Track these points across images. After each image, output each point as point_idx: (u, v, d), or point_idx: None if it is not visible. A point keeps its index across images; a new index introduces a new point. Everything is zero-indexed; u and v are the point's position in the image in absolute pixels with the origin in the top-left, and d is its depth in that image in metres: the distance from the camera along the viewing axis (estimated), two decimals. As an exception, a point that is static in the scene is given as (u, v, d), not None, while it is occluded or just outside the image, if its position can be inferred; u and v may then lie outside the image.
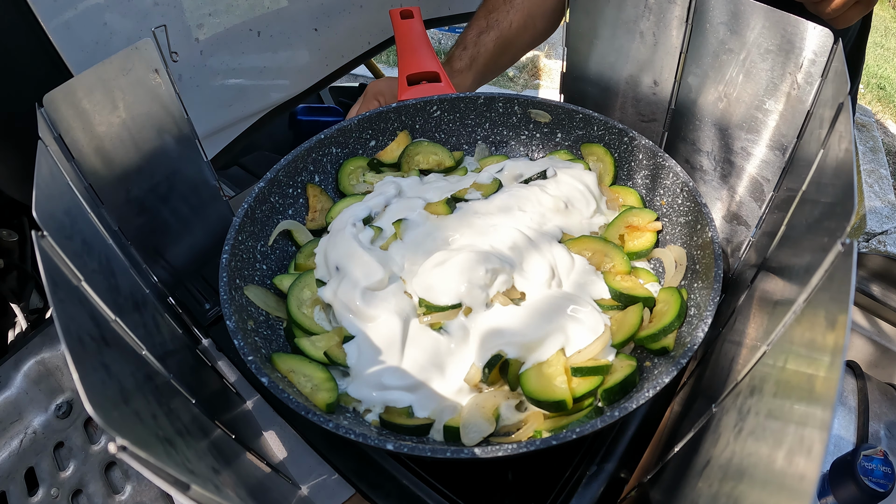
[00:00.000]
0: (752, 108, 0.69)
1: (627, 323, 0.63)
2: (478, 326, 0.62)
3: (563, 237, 0.73)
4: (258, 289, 0.67)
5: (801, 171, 0.56)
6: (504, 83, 3.82)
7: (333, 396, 0.59)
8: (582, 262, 0.70)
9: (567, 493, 0.58)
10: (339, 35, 1.23)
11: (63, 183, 0.47)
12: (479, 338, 0.62)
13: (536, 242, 0.69)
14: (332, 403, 0.58)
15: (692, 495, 0.43)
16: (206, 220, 0.78)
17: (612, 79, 0.85)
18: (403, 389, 0.60)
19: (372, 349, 0.62)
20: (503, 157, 0.89)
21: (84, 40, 0.82)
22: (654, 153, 0.75)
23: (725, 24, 0.67)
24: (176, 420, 0.42)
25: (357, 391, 0.61)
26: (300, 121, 1.60)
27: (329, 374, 0.61)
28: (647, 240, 0.73)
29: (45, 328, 0.74)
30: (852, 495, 0.53)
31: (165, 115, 0.67)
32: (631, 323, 0.62)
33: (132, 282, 0.53)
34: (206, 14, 0.98)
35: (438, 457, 0.48)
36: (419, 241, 0.71)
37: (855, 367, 0.72)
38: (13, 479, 0.64)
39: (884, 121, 3.58)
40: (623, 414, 0.50)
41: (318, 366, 0.61)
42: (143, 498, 0.64)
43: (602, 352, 0.61)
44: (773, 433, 0.34)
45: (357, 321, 0.64)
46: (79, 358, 0.31)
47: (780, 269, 0.51)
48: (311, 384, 0.59)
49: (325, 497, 0.61)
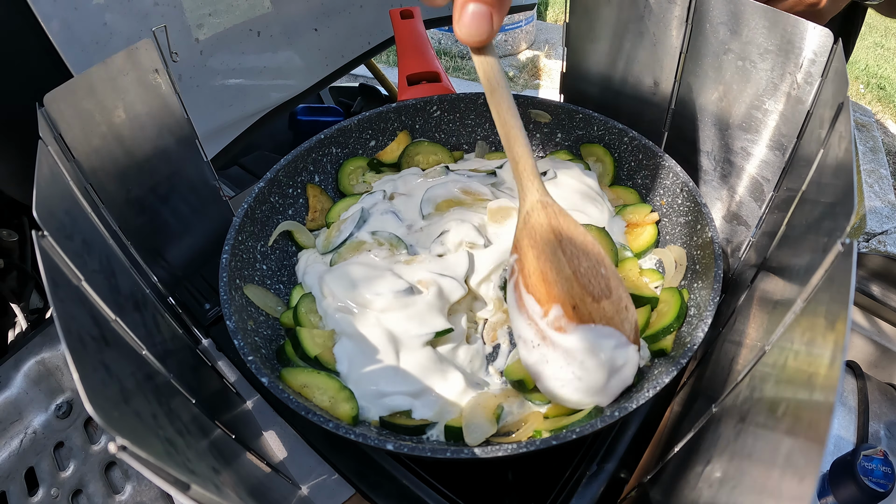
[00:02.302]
0: (752, 108, 0.69)
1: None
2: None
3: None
4: (258, 289, 0.67)
5: (801, 171, 0.56)
6: (504, 83, 3.81)
7: (355, 406, 0.56)
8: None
9: (567, 493, 0.58)
10: (339, 35, 1.23)
11: (63, 183, 0.47)
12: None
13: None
14: (356, 416, 0.56)
15: (692, 495, 0.43)
16: (206, 220, 0.78)
17: (612, 79, 0.85)
18: (404, 395, 0.58)
19: (365, 353, 0.61)
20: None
21: (84, 40, 0.82)
22: (654, 153, 0.75)
23: (725, 24, 0.67)
24: (176, 420, 0.42)
25: (356, 393, 0.60)
26: (300, 121, 1.60)
27: (340, 383, 0.59)
28: (648, 235, 0.73)
29: (45, 328, 0.74)
30: (852, 495, 0.53)
31: (165, 115, 0.67)
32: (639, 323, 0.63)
33: (132, 282, 0.53)
34: (206, 14, 0.98)
35: (438, 457, 0.48)
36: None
37: (855, 367, 0.72)
38: (13, 479, 0.64)
39: (884, 121, 3.58)
40: (623, 414, 0.50)
41: (328, 375, 0.59)
42: (143, 498, 0.64)
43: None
44: (773, 433, 0.34)
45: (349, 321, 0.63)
46: (79, 358, 0.31)
47: (780, 269, 0.51)
48: (328, 396, 0.57)
49: (325, 497, 0.61)
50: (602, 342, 0.52)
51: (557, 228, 0.51)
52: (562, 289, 0.51)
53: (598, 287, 0.51)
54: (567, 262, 0.51)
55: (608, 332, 0.52)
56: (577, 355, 0.51)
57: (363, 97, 1.72)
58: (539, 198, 0.52)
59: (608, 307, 0.51)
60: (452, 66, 3.74)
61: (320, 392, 0.58)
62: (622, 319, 0.52)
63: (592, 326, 0.51)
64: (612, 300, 0.51)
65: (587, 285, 0.51)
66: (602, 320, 0.51)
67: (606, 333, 0.51)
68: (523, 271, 0.53)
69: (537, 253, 0.52)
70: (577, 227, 0.52)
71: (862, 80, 3.90)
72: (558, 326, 0.51)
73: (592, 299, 0.51)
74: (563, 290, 0.51)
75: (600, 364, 0.52)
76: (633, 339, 0.53)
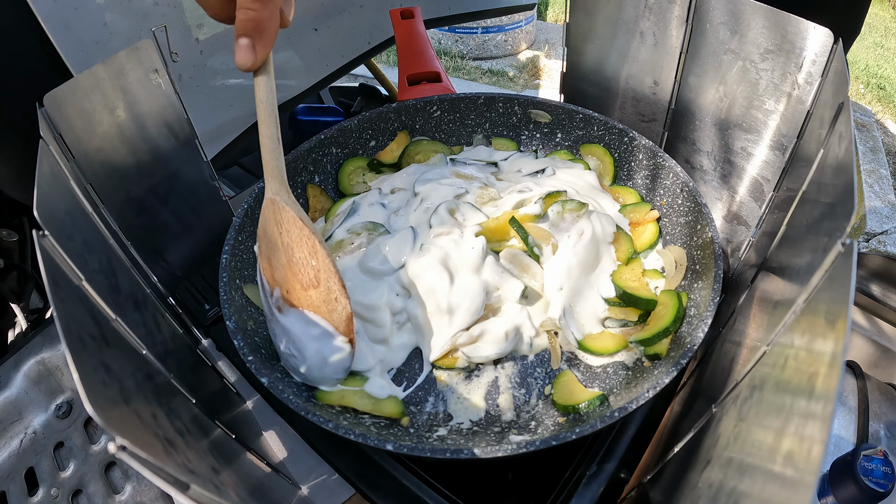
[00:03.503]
0: (752, 108, 0.69)
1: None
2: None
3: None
4: (258, 289, 0.67)
5: (801, 171, 0.56)
6: (504, 83, 3.82)
7: (399, 403, 0.60)
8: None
9: (567, 493, 0.58)
10: (339, 35, 1.23)
11: (64, 182, 0.47)
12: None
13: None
14: (403, 409, 0.60)
15: (692, 495, 0.43)
16: (206, 220, 0.78)
17: (612, 79, 0.85)
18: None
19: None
20: (514, 144, 0.89)
21: (84, 40, 0.82)
22: (654, 153, 0.75)
23: (725, 24, 0.67)
24: (176, 420, 0.42)
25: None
26: (300, 121, 1.59)
27: (366, 392, 0.61)
28: (650, 233, 0.73)
29: (45, 328, 0.74)
30: (852, 495, 0.53)
31: (165, 115, 0.67)
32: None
33: (132, 281, 0.53)
34: (207, 14, 0.98)
35: (438, 457, 0.49)
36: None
37: (855, 367, 0.72)
38: (13, 479, 0.64)
39: (884, 121, 3.58)
40: (623, 414, 0.50)
41: (361, 391, 0.61)
42: (143, 498, 0.64)
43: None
44: (774, 433, 0.34)
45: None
46: (79, 357, 0.31)
47: (780, 269, 0.51)
48: (369, 399, 0.60)
49: (325, 497, 0.61)
50: (309, 328, 0.58)
51: (279, 221, 0.58)
52: (279, 274, 0.58)
53: (306, 277, 0.57)
54: (283, 252, 0.58)
55: (314, 320, 0.58)
56: (292, 335, 0.58)
57: (363, 97, 1.72)
58: (269, 195, 0.58)
59: (315, 296, 0.57)
60: (452, 66, 3.74)
61: (359, 398, 0.60)
62: (330, 310, 0.58)
63: (300, 311, 0.58)
64: (319, 290, 0.57)
65: (297, 274, 0.57)
66: (309, 307, 0.57)
67: (312, 320, 0.58)
68: (260, 256, 0.60)
69: (266, 241, 0.59)
70: (296, 223, 0.57)
71: (862, 80, 3.91)
72: (278, 307, 0.58)
73: (301, 287, 0.57)
74: (280, 276, 0.58)
75: (311, 347, 0.58)
76: (343, 331, 0.58)
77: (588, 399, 0.57)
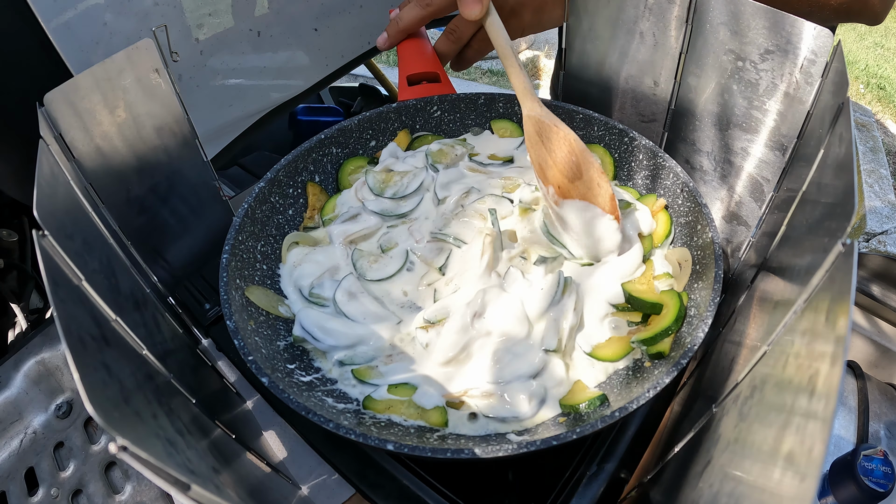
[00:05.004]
0: (752, 108, 0.69)
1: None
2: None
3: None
4: (259, 289, 0.67)
5: (801, 171, 0.56)
6: (504, 83, 3.82)
7: (444, 411, 0.59)
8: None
9: (567, 493, 0.58)
10: (339, 35, 1.23)
11: (64, 182, 0.47)
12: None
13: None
14: (446, 419, 0.59)
15: (692, 496, 0.43)
16: (206, 220, 0.78)
17: (611, 79, 0.85)
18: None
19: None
20: (518, 129, 0.88)
21: (84, 40, 0.82)
22: (654, 153, 0.75)
23: (725, 25, 0.67)
24: (176, 420, 0.42)
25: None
26: (300, 121, 1.60)
27: (413, 402, 0.61)
28: (663, 223, 0.73)
29: (45, 328, 0.74)
30: (852, 495, 0.54)
31: (165, 115, 0.67)
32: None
33: (132, 281, 0.53)
34: (206, 14, 0.98)
35: (438, 457, 0.49)
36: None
37: (855, 367, 0.72)
38: (13, 479, 0.64)
39: (884, 121, 3.58)
40: (623, 414, 0.50)
41: (409, 401, 0.60)
42: (143, 498, 0.64)
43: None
44: (774, 433, 0.34)
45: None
46: (79, 358, 0.31)
47: (780, 269, 0.51)
48: (415, 409, 0.59)
49: (325, 497, 0.61)
50: (581, 213, 0.67)
51: (539, 132, 0.70)
52: (550, 174, 0.69)
53: (571, 171, 0.67)
54: (548, 155, 0.69)
55: (584, 206, 0.67)
56: (568, 222, 0.69)
57: (363, 97, 1.72)
58: (527, 112, 0.71)
59: (581, 186, 0.67)
60: (452, 66, 3.74)
61: (405, 406, 0.60)
62: (595, 195, 0.67)
63: (572, 201, 0.68)
64: (583, 180, 0.67)
65: (563, 170, 0.67)
66: (578, 196, 0.67)
67: (583, 207, 0.67)
68: (534, 163, 0.72)
69: (534, 150, 0.71)
70: (554, 128, 0.68)
71: (862, 80, 3.91)
72: (555, 200, 0.69)
73: (568, 180, 0.67)
74: (551, 175, 0.69)
75: (584, 230, 0.68)
76: (609, 210, 0.66)
77: (588, 399, 0.57)
